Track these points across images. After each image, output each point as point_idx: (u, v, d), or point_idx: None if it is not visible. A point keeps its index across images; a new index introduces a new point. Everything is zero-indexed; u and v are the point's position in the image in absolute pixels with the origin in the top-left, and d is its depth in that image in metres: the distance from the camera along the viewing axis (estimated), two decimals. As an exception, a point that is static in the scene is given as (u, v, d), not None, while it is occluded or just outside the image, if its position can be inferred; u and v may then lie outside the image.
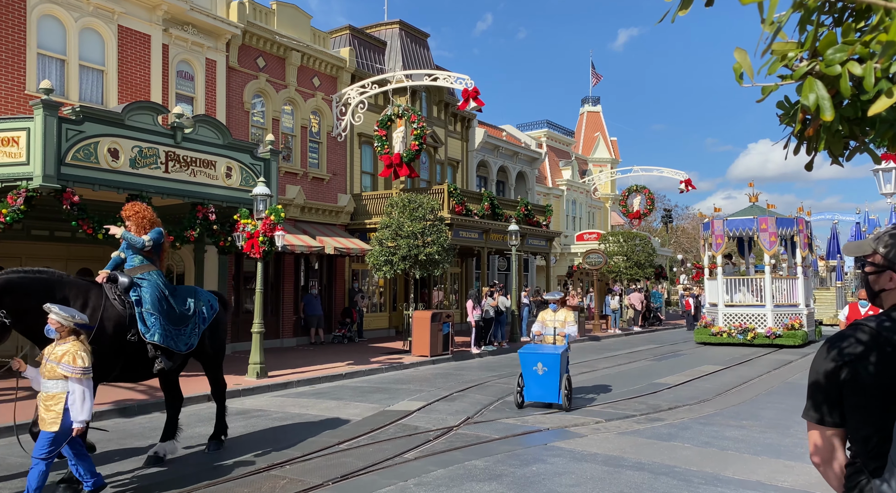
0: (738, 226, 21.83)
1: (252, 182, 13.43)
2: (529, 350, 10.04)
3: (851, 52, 1.55)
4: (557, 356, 9.78)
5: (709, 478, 6.54)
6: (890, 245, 2.12)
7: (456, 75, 19.53)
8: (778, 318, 21.06)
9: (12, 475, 6.77)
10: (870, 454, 1.94)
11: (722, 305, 21.86)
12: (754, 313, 21.43)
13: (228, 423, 8.12)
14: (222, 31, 17.84)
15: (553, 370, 9.80)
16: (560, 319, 10.38)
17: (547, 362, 9.79)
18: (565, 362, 10.13)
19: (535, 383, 9.91)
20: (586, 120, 43.90)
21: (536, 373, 9.83)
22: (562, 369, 9.90)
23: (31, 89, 13.81)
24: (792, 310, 21.35)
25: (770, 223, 21.06)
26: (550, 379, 9.81)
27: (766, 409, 10.40)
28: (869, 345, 1.97)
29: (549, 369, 9.78)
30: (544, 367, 9.74)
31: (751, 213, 22.17)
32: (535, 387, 9.92)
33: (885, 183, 12.62)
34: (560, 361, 9.86)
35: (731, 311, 21.79)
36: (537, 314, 22.48)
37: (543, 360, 9.81)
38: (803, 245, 21.72)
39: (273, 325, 19.47)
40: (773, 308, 21.15)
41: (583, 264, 27.66)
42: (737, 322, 21.54)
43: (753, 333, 20.83)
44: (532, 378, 9.91)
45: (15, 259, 15.34)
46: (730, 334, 21.20)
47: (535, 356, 9.90)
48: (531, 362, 9.90)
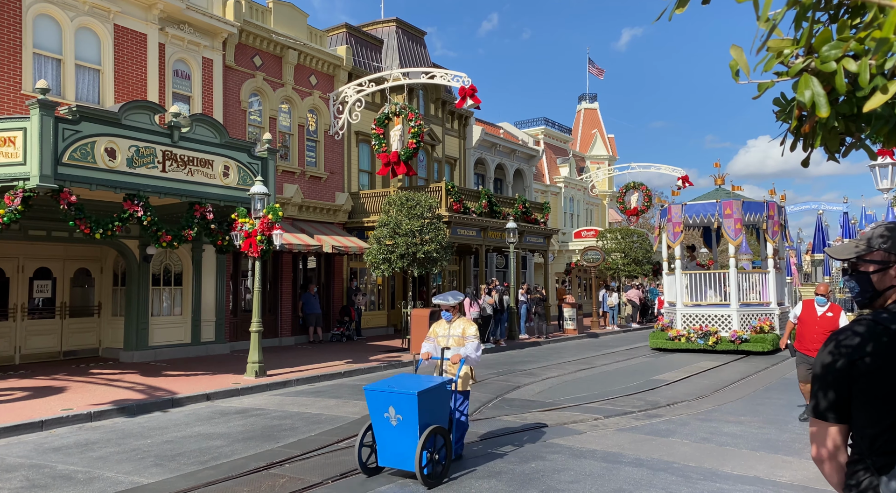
0: (698, 212, 18.53)
1: (249, 181, 13.42)
2: (379, 387, 6.38)
3: (846, 48, 1.56)
4: (414, 399, 6.06)
5: (707, 474, 6.56)
6: (888, 238, 2.10)
7: (453, 73, 19.52)
8: (745, 319, 18.06)
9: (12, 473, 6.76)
10: (877, 451, 1.92)
11: (680, 304, 18.83)
12: (717, 314, 18.32)
13: (228, 421, 8.13)
14: (219, 30, 17.81)
15: (410, 421, 6.14)
16: (456, 333, 7.07)
17: (402, 406, 6.17)
18: (440, 404, 6.47)
19: (387, 439, 6.32)
20: (584, 117, 43.88)
21: (389, 423, 6.28)
22: (429, 418, 6.24)
23: (28, 89, 13.78)
24: (761, 310, 18.31)
25: (735, 208, 17.95)
26: (405, 435, 6.19)
27: (764, 405, 10.43)
28: (880, 341, 1.95)
29: (404, 418, 6.17)
30: (398, 414, 6.20)
31: (714, 197, 19.26)
32: (388, 444, 6.33)
33: (882, 178, 12.64)
34: (422, 405, 6.11)
35: (690, 311, 18.70)
36: (536, 312, 22.78)
37: (397, 403, 6.20)
38: (773, 233, 18.53)
39: (271, 324, 19.47)
40: (739, 308, 18.06)
41: (581, 261, 27.67)
42: (697, 325, 18.46)
43: (716, 337, 17.76)
44: (384, 431, 6.33)
45: (12, 259, 15.34)
46: (689, 338, 18.09)
47: (385, 397, 6.28)
48: (381, 406, 6.32)
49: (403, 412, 6.16)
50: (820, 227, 34.39)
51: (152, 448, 7.72)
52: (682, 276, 19.04)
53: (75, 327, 16.33)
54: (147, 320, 15.73)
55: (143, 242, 15.09)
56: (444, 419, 6.51)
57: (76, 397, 10.52)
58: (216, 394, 11.06)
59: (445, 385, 6.53)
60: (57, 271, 16.07)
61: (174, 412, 9.97)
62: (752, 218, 18.29)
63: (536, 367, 15.12)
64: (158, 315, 16.17)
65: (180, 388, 11.35)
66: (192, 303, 16.74)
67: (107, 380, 12.36)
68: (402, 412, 6.16)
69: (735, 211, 17.96)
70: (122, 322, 15.91)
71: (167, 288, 16.51)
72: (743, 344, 17.36)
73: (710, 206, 18.44)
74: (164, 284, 16.41)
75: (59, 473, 6.74)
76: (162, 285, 16.37)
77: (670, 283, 19.79)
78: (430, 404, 6.26)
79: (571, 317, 23.73)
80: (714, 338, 17.77)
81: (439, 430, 6.25)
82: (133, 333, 15.56)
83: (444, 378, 6.64)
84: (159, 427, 8.91)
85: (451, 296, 7.15)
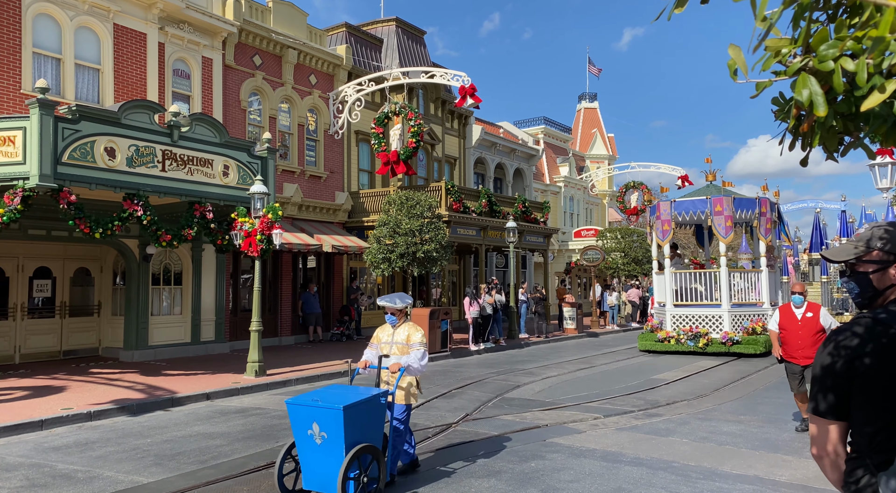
0: (688, 208, 17.89)
1: (249, 181, 13.42)
2: (302, 401, 5.59)
3: (843, 47, 1.56)
4: (339, 414, 5.32)
5: (707, 473, 6.56)
6: (887, 239, 2.10)
7: (453, 72, 19.51)
8: (736, 320, 17.44)
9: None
10: (876, 448, 1.93)
11: (670, 305, 18.20)
12: (708, 315, 17.68)
13: (228, 421, 8.13)
14: (218, 30, 17.81)
15: (335, 439, 5.39)
16: (400, 339, 6.38)
17: (326, 423, 5.41)
18: (371, 420, 5.69)
19: (311, 459, 5.55)
20: (583, 116, 43.87)
21: (313, 441, 5.51)
22: (358, 435, 5.49)
23: (27, 88, 13.78)
24: (754, 310, 17.68)
25: (726, 205, 17.32)
26: (331, 455, 5.42)
27: (763, 404, 10.44)
28: (879, 341, 1.95)
29: (329, 435, 5.42)
30: (322, 432, 5.44)
31: (704, 193, 18.48)
32: (312, 465, 5.54)
33: (881, 178, 12.63)
34: (348, 421, 5.37)
35: (680, 312, 18.05)
36: (536, 311, 22.79)
37: (321, 419, 5.43)
38: (765, 231, 17.82)
39: (271, 323, 19.48)
40: (730, 308, 17.46)
41: (580, 261, 27.67)
42: (687, 326, 17.83)
43: (707, 338, 17.19)
44: (308, 450, 5.57)
45: (12, 259, 15.34)
46: (678, 340, 17.52)
47: (309, 412, 5.51)
48: (304, 422, 5.56)
49: (328, 429, 5.39)
50: (817, 225, 34.06)
51: (152, 448, 7.73)
52: (670, 275, 18.42)
53: (75, 326, 16.34)
54: (147, 320, 15.73)
55: (142, 242, 15.09)
56: (377, 436, 5.78)
57: (76, 396, 10.52)
58: (216, 393, 11.07)
59: (379, 398, 5.79)
60: (57, 271, 16.07)
61: (174, 412, 9.97)
62: (744, 215, 17.66)
63: (536, 366, 15.13)
64: (158, 315, 16.17)
65: (180, 387, 11.36)
66: (191, 302, 16.75)
67: (106, 379, 12.36)
68: (327, 429, 5.39)
69: (726, 208, 17.33)
70: (122, 322, 15.92)
71: (167, 287, 16.52)
72: (734, 346, 16.85)
73: (699, 202, 17.80)
74: (163, 283, 16.41)
75: (58, 472, 6.75)
76: (162, 284, 16.37)
77: (660, 283, 19.18)
78: (359, 420, 5.52)
79: (571, 316, 23.74)
80: (704, 340, 17.24)
81: (369, 449, 5.52)
82: (133, 332, 15.56)
83: (378, 390, 5.88)
84: (159, 427, 8.91)
85: (397, 298, 6.45)
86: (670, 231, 18.27)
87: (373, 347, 6.55)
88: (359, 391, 5.79)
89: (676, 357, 17.04)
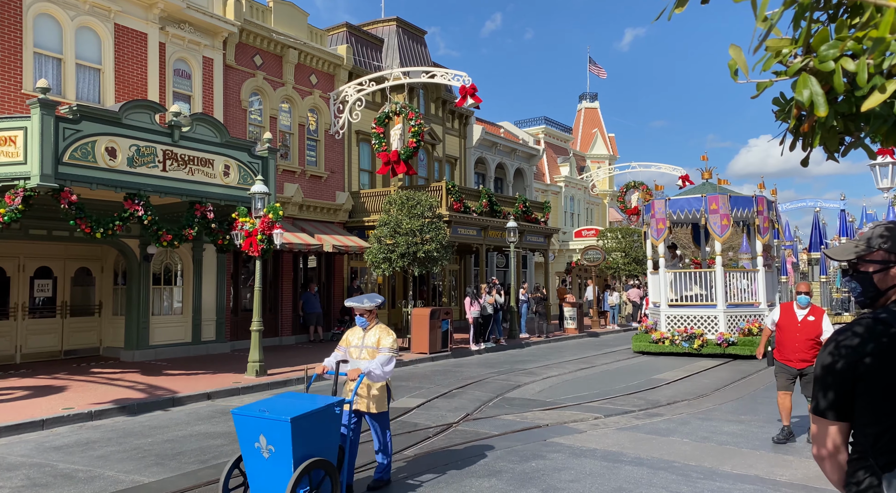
0: (682, 207, 17.49)
1: (250, 180, 13.43)
2: (248, 411, 5.11)
3: (844, 48, 1.57)
4: (287, 426, 4.86)
5: (707, 473, 6.56)
6: (888, 238, 2.10)
7: (453, 72, 19.51)
8: (732, 321, 17.07)
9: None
10: (880, 449, 1.93)
11: (665, 305, 17.86)
12: (703, 315, 17.33)
13: (228, 420, 8.14)
14: (219, 29, 17.82)
15: (283, 453, 4.95)
16: (370, 343, 5.95)
17: (273, 435, 4.96)
18: (324, 431, 5.22)
19: (258, 474, 5.08)
20: (584, 116, 43.86)
21: (260, 455, 5.05)
22: (308, 449, 5.02)
23: (28, 88, 13.79)
24: (750, 311, 17.31)
25: (722, 203, 16.92)
26: (279, 470, 4.98)
27: (764, 404, 10.43)
28: (881, 341, 1.94)
29: (276, 449, 4.97)
30: (269, 445, 5.00)
31: (700, 191, 18.00)
32: (260, 481, 5.08)
33: (882, 178, 12.64)
34: (297, 434, 4.91)
35: (675, 312, 17.69)
36: (536, 311, 22.79)
37: (268, 431, 4.99)
38: (763, 230, 17.38)
39: (272, 323, 19.49)
40: (725, 309, 17.08)
41: (581, 261, 27.68)
42: (682, 326, 17.48)
43: (702, 339, 16.80)
44: (255, 465, 5.09)
45: (13, 258, 15.35)
46: (673, 340, 17.18)
47: (255, 423, 5.04)
48: (251, 434, 5.09)
49: (276, 443, 4.93)
50: (817, 225, 33.86)
51: (153, 447, 7.74)
52: (665, 275, 18.04)
53: (76, 326, 16.35)
54: (147, 320, 15.74)
55: (143, 242, 15.10)
56: (331, 449, 5.27)
57: (77, 396, 10.53)
58: (217, 393, 11.07)
59: (333, 407, 5.26)
60: (58, 271, 16.08)
61: (175, 411, 9.98)
62: (741, 214, 17.26)
63: (537, 366, 15.13)
64: (159, 314, 16.18)
65: (181, 387, 11.37)
66: (192, 302, 16.76)
67: (107, 379, 12.37)
68: (275, 443, 4.93)
69: (721, 206, 16.92)
70: (123, 321, 15.93)
71: (168, 287, 16.53)
72: (730, 347, 16.47)
73: (695, 201, 17.37)
74: (164, 283, 16.42)
75: (59, 472, 6.75)
76: (162, 284, 16.38)
77: (655, 282, 18.78)
78: (310, 433, 5.03)
79: (572, 316, 23.74)
80: (700, 341, 16.85)
81: (321, 463, 5.02)
82: (134, 332, 15.57)
83: (332, 399, 5.34)
84: (160, 426, 8.92)
85: (367, 298, 5.99)
86: (665, 230, 17.89)
87: (340, 349, 6.09)
88: (312, 400, 5.31)
89: (675, 358, 16.97)
